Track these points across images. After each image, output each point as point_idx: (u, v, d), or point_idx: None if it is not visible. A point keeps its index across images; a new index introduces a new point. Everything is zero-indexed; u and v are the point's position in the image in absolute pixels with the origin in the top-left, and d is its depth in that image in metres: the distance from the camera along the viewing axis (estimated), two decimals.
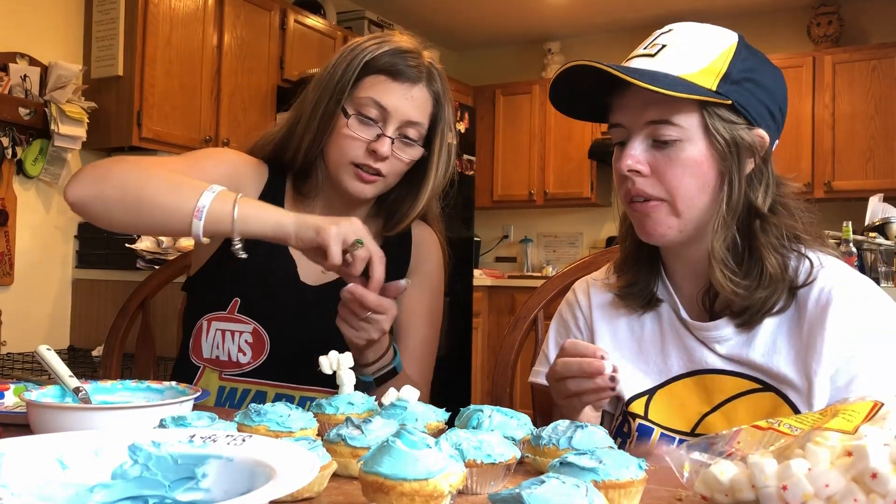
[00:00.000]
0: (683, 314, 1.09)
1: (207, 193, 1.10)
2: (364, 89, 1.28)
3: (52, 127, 3.24)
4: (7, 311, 3.23)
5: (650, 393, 1.08)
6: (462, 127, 4.54)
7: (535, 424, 1.02)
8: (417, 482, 0.60)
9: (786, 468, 0.59)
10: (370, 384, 1.21)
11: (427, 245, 1.44)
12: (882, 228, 3.45)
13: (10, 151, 3.23)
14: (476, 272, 5.08)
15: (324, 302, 1.25)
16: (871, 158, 4.71)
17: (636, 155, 1.01)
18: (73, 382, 0.96)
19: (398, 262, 1.38)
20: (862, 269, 3.24)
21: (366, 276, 1.11)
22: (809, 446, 0.60)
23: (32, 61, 3.31)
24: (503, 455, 0.72)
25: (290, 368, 1.29)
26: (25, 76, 3.25)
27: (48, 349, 1.02)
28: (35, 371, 3.06)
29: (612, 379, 0.94)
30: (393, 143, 1.27)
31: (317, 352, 1.06)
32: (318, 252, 1.09)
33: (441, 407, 0.91)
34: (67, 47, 3.51)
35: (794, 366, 1.00)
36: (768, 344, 1.03)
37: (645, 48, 1.04)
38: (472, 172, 4.67)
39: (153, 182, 1.13)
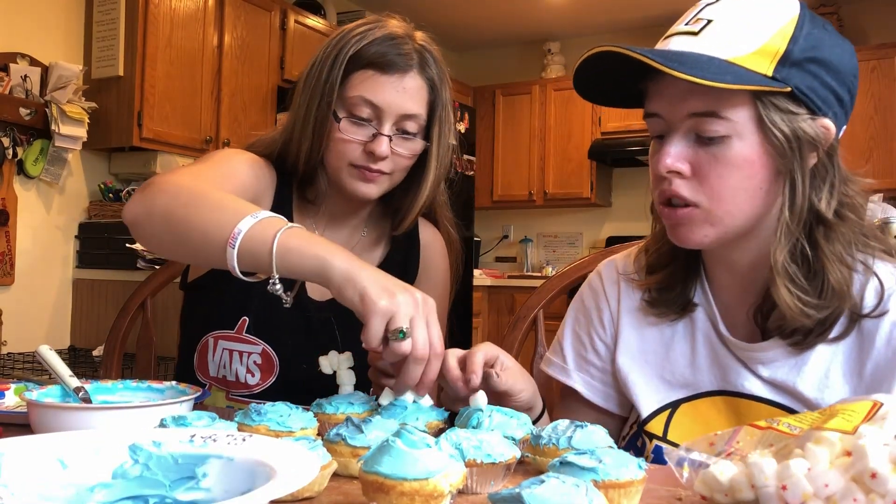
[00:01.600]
0: (723, 330, 0.96)
1: (248, 218, 0.93)
2: (353, 87, 1.19)
3: (53, 127, 3.25)
4: (7, 311, 3.23)
5: (673, 406, 0.97)
6: (462, 127, 4.54)
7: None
8: (417, 482, 0.60)
9: (785, 468, 0.60)
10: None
11: (434, 247, 1.40)
12: (882, 228, 3.45)
13: (10, 152, 3.23)
14: (476, 272, 5.07)
15: (330, 320, 1.22)
16: (870, 158, 4.71)
17: (677, 153, 0.87)
18: (74, 382, 0.96)
19: (407, 265, 1.36)
20: None
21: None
22: (809, 446, 0.60)
23: (33, 61, 3.31)
24: (503, 455, 0.72)
25: (300, 390, 1.20)
26: (26, 76, 3.25)
27: (49, 349, 1.02)
28: (35, 371, 3.06)
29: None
30: (391, 140, 1.19)
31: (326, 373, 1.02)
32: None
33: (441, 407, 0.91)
34: (68, 47, 3.52)
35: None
36: (820, 376, 0.89)
37: (687, 23, 0.88)
38: (472, 172, 4.66)
39: (201, 200, 0.99)
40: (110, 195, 3.58)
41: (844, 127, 0.90)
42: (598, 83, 0.94)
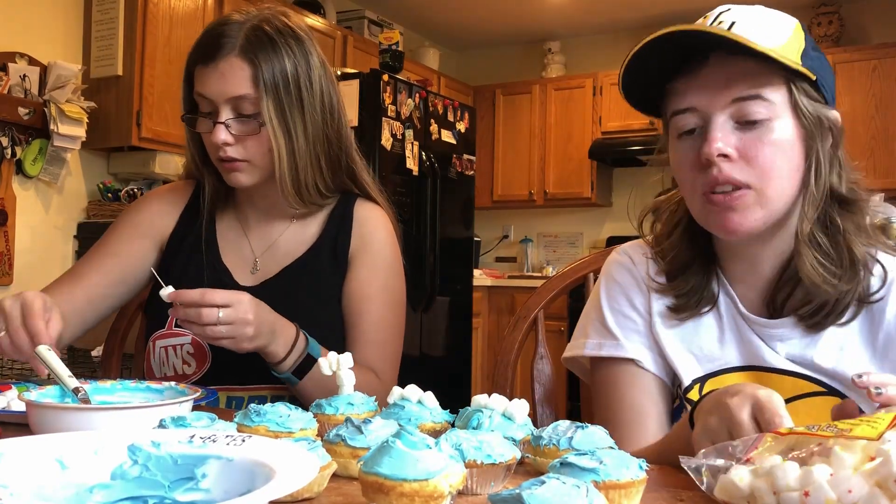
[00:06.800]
0: (743, 309, 1.02)
1: None
2: (195, 86, 1.25)
3: (52, 127, 3.24)
4: None
5: (701, 381, 1.03)
6: (462, 127, 4.54)
7: (579, 414, 0.99)
8: (417, 482, 0.60)
9: (808, 474, 0.59)
10: (289, 380, 1.17)
11: (372, 223, 1.37)
12: (883, 228, 3.44)
13: (9, 151, 3.22)
14: (476, 272, 5.07)
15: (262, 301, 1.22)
16: (871, 158, 4.70)
17: (724, 137, 0.91)
18: (73, 383, 0.96)
19: (337, 240, 1.34)
20: None
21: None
22: (833, 451, 0.60)
23: (32, 61, 3.30)
24: (503, 455, 0.71)
25: (235, 371, 1.25)
26: (25, 76, 3.24)
27: (48, 349, 1.02)
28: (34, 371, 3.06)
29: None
30: (230, 127, 1.23)
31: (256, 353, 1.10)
32: None
33: (445, 409, 0.91)
34: (67, 47, 3.51)
35: (866, 367, 0.95)
36: (835, 348, 0.97)
37: (712, 24, 0.94)
38: (472, 172, 4.66)
39: None
40: (109, 195, 3.57)
41: None
42: (629, 84, 0.99)
